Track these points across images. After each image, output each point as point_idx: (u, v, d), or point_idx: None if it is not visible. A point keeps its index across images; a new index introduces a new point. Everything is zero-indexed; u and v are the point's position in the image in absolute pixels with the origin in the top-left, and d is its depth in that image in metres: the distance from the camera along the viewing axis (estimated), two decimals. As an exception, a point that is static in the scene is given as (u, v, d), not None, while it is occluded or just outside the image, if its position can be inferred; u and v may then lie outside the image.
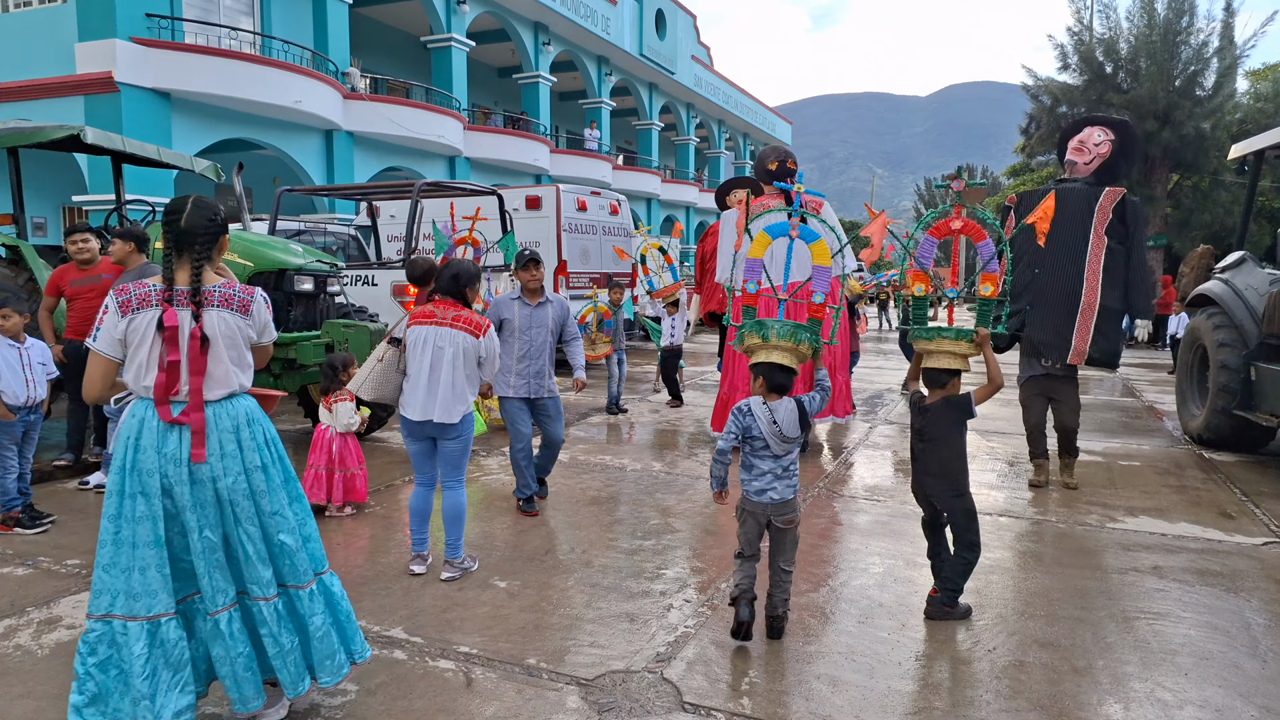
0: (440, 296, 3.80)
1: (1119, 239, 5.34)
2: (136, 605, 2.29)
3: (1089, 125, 5.60)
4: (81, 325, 5.50)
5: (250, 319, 2.49)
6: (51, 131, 5.82)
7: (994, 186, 43.43)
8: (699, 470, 5.95)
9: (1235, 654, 3.09)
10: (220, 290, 2.43)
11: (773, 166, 6.47)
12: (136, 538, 2.30)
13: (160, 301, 2.34)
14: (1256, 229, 17.15)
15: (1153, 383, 11.22)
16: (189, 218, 2.40)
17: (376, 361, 3.91)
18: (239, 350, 2.45)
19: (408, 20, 21.36)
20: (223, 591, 2.39)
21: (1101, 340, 5.28)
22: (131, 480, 2.32)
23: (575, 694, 2.75)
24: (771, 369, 3.16)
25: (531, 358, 4.76)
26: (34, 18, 13.70)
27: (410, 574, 3.80)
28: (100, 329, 2.38)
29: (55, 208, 15.30)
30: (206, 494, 2.36)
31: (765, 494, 3.18)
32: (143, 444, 2.32)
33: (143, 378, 2.34)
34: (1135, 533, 4.57)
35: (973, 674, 2.93)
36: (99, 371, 2.41)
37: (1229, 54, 18.21)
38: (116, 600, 2.29)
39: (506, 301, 4.82)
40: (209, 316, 2.38)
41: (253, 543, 2.42)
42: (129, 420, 2.36)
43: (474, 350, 3.71)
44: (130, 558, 2.29)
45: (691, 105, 33.73)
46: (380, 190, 10.20)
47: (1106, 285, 5.30)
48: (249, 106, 14.49)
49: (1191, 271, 8.33)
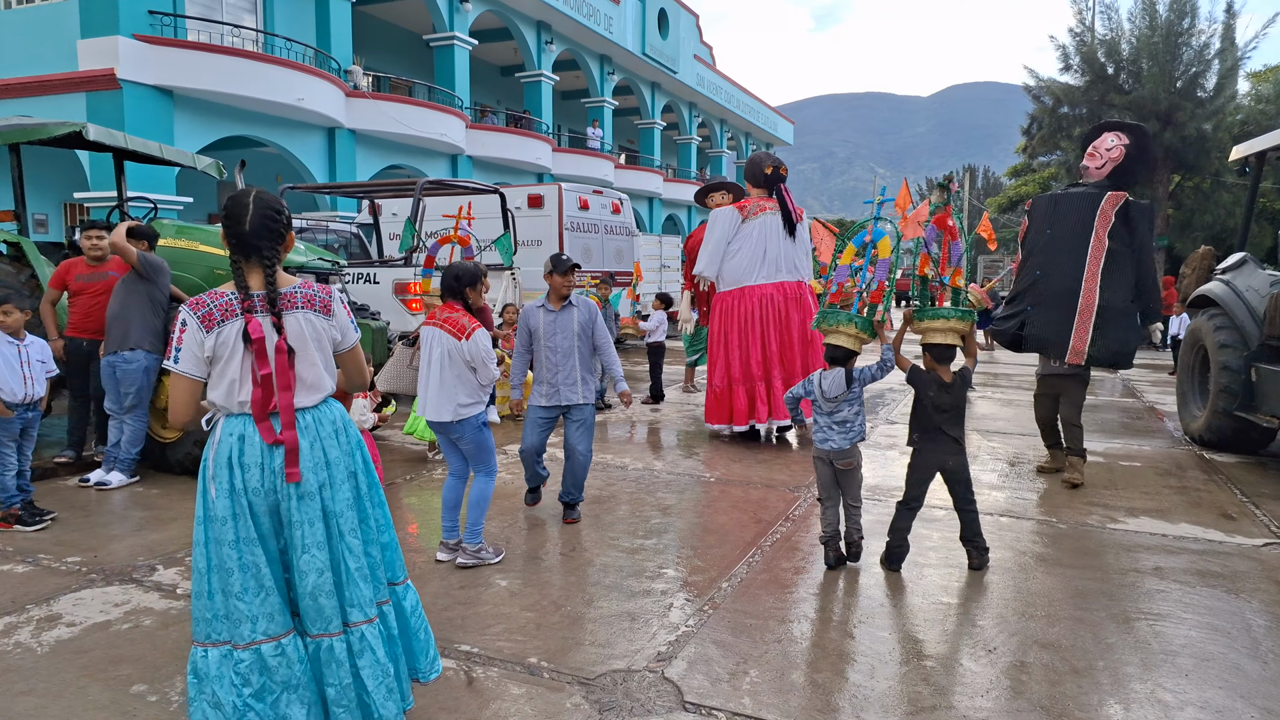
0: (448, 298, 3.91)
1: (1123, 242, 5.37)
2: (274, 626, 2.20)
3: (1106, 131, 5.64)
4: (84, 322, 5.50)
5: (333, 320, 2.33)
6: (53, 128, 5.82)
7: (996, 186, 43.38)
8: (700, 469, 5.96)
9: (1236, 655, 3.10)
10: (301, 292, 2.27)
11: (769, 171, 6.77)
12: (258, 560, 2.19)
13: (242, 310, 2.17)
14: (1257, 230, 17.15)
15: (1154, 383, 11.22)
16: (253, 220, 2.20)
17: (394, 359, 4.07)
18: (326, 354, 2.32)
19: (410, 18, 21.36)
20: (332, 615, 2.25)
21: (1101, 340, 5.34)
22: (239, 502, 2.18)
23: (576, 693, 2.75)
24: (830, 347, 3.97)
25: (559, 366, 4.49)
26: (37, 14, 13.70)
27: (435, 561, 3.93)
28: (180, 349, 2.16)
29: (57, 204, 15.31)
30: (315, 509, 2.23)
31: (826, 442, 3.95)
32: (246, 462, 2.18)
33: (236, 394, 2.18)
34: (1136, 533, 4.58)
35: (973, 674, 2.93)
36: (186, 394, 2.20)
37: (1230, 55, 18.20)
38: (257, 625, 2.18)
39: (532, 310, 4.61)
40: (291, 322, 2.22)
41: (354, 558, 2.29)
42: (225, 439, 2.19)
43: (458, 352, 3.74)
44: (259, 580, 2.19)
45: (694, 104, 33.72)
46: (382, 188, 10.21)
47: (1107, 286, 5.34)
48: (251, 104, 14.49)
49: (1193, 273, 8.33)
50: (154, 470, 5.59)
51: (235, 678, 2.18)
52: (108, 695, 2.72)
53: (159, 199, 11.10)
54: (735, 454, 6.50)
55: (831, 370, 3.92)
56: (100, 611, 3.37)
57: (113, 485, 5.20)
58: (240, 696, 2.17)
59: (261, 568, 2.20)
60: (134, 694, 2.73)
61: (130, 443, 5.28)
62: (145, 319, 5.25)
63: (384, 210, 11.69)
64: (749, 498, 5.22)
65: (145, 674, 2.86)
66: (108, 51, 12.63)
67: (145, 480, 5.40)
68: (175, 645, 3.06)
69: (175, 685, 2.77)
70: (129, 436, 5.27)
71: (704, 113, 35.12)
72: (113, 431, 5.34)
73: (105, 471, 5.27)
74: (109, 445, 5.37)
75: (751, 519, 4.75)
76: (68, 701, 2.67)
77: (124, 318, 5.22)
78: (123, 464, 5.27)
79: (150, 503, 4.96)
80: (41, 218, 15.06)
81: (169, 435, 5.63)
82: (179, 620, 3.28)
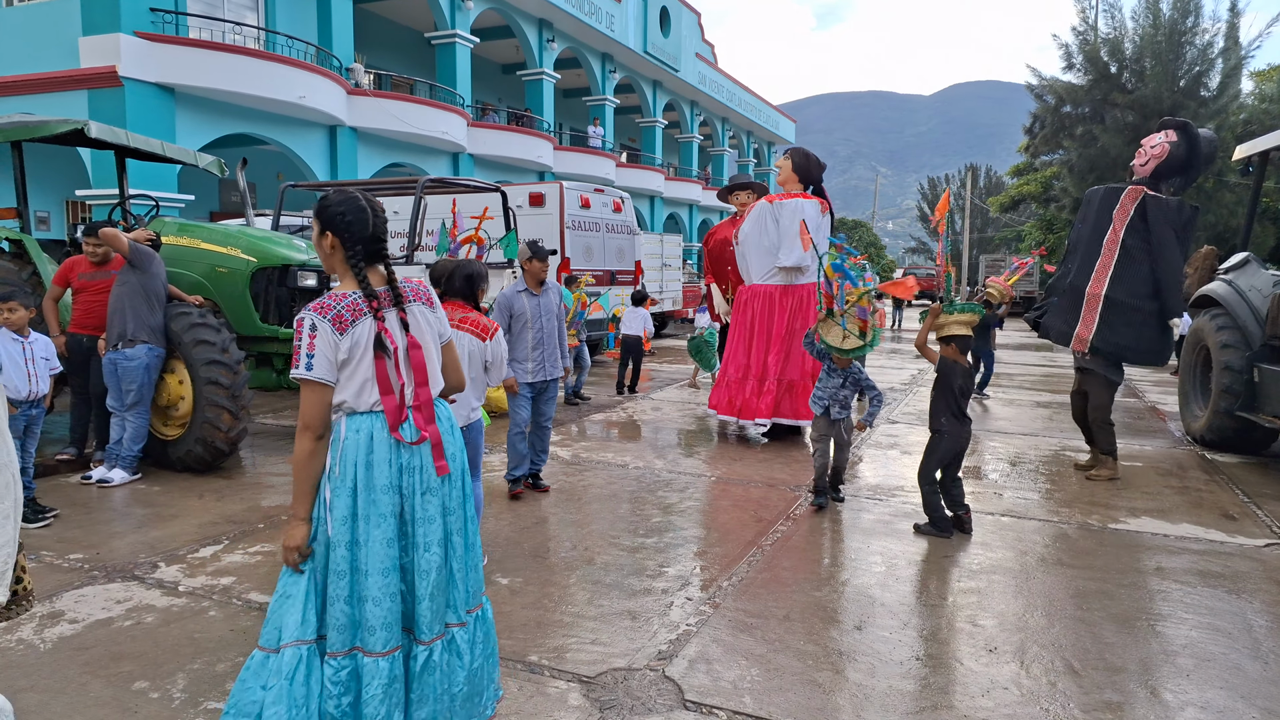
0: (450, 298, 3.73)
1: (1141, 237, 5.37)
2: (373, 640, 2.09)
3: (1161, 130, 5.61)
4: (86, 319, 5.51)
5: (437, 312, 2.33)
6: (55, 126, 5.82)
7: (998, 186, 43.32)
8: (701, 468, 5.96)
9: (1237, 656, 3.09)
10: (412, 286, 2.27)
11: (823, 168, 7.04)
12: (370, 565, 2.10)
13: (370, 310, 2.14)
14: (1260, 230, 17.11)
15: (1155, 383, 11.20)
16: (376, 223, 2.20)
17: None
18: (438, 347, 2.31)
19: (412, 16, 21.35)
20: (440, 617, 2.19)
21: (1106, 332, 5.42)
22: (366, 501, 2.10)
23: (577, 691, 2.76)
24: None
25: (545, 344, 4.97)
26: (38, 11, 13.70)
27: None
28: (313, 356, 2.08)
29: (59, 202, 15.32)
30: (436, 505, 2.18)
31: (828, 411, 4.95)
32: (375, 459, 2.11)
33: (368, 394, 2.12)
34: (1137, 534, 4.57)
35: (974, 674, 2.93)
36: (321, 402, 2.10)
37: (1234, 55, 18.16)
38: (358, 634, 2.11)
39: (512, 295, 4.91)
40: (413, 314, 2.22)
41: (458, 559, 2.23)
42: (353, 437, 2.12)
43: (480, 353, 3.66)
44: (365, 587, 2.10)
45: (695, 103, 33.69)
46: (384, 186, 10.20)
47: (1118, 280, 5.38)
48: (253, 102, 14.49)
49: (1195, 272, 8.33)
50: (156, 467, 5.60)
51: (332, 686, 2.08)
52: (109, 692, 2.73)
53: (161, 197, 11.11)
54: (736, 453, 6.50)
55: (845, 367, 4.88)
56: (102, 608, 3.38)
57: (115, 482, 5.21)
58: (339, 706, 2.08)
59: (391, 572, 2.12)
60: (135, 691, 2.74)
61: (132, 440, 5.29)
62: (139, 312, 5.24)
63: (385, 208, 11.68)
64: (750, 496, 5.22)
65: (147, 671, 2.86)
66: (109, 49, 12.63)
67: (147, 477, 5.41)
68: (176, 642, 3.07)
69: (177, 682, 2.78)
70: (131, 434, 5.28)
71: (706, 111, 35.09)
72: (114, 429, 5.35)
73: (107, 469, 5.27)
74: (111, 443, 5.37)
75: (752, 518, 4.75)
76: (69, 698, 2.68)
77: (119, 310, 5.22)
78: (125, 461, 5.28)
79: (152, 500, 4.97)
80: (43, 215, 15.07)
81: (170, 433, 5.63)
82: (180, 617, 3.29)
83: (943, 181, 44.50)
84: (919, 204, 45.87)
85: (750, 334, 6.83)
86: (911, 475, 5.82)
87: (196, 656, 2.96)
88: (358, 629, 2.12)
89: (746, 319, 6.88)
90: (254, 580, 3.70)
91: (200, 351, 5.39)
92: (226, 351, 5.46)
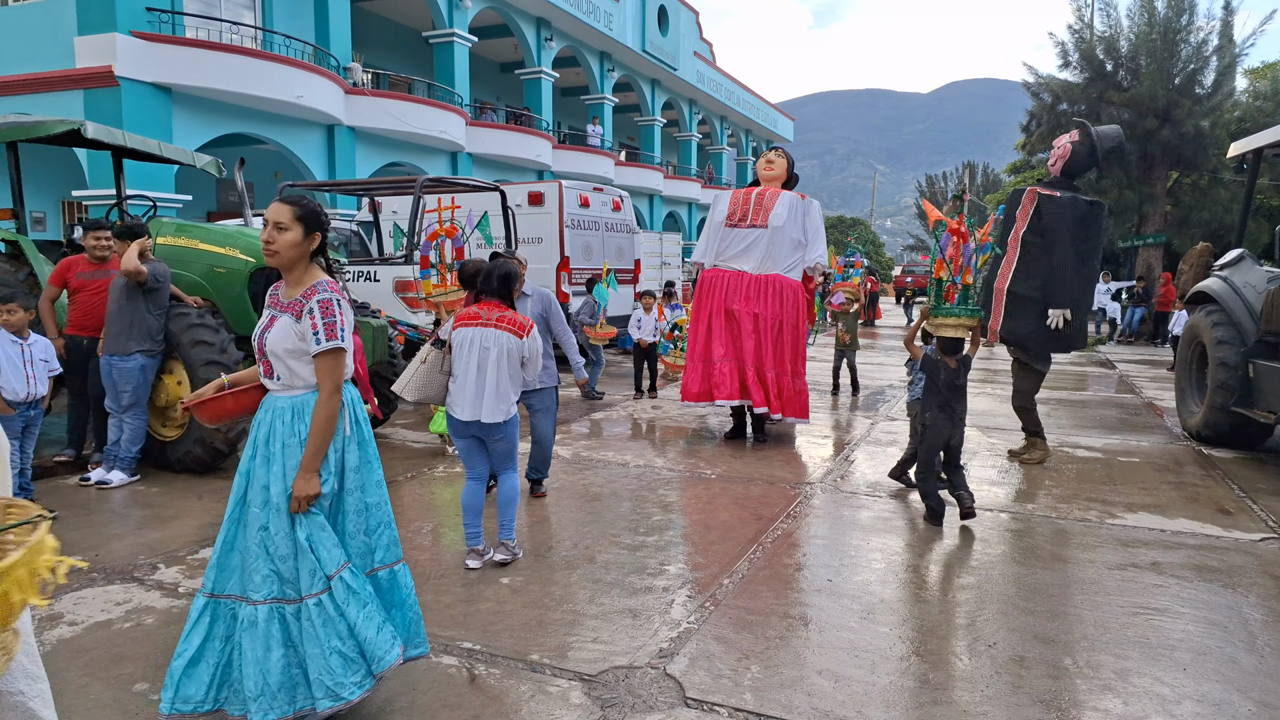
0: (486, 297, 3.84)
1: (1037, 233, 5.81)
2: (394, 552, 2.72)
3: (1072, 130, 6.18)
4: (84, 319, 5.50)
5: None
6: (51, 126, 5.81)
7: (995, 183, 43.36)
8: (701, 467, 5.97)
9: (1233, 649, 3.11)
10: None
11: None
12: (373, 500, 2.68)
13: None
14: (1255, 227, 17.16)
15: (1152, 379, 11.23)
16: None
17: (420, 363, 3.92)
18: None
19: (410, 15, 21.32)
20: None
21: (1010, 323, 5.92)
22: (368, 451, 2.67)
23: (578, 689, 2.77)
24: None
25: None
26: (34, 11, 13.67)
27: (466, 569, 3.83)
28: (344, 329, 2.51)
29: (55, 202, 15.29)
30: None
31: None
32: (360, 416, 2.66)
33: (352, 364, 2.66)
34: (1134, 529, 4.59)
35: (973, 669, 2.94)
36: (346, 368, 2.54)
37: (1228, 52, 18.19)
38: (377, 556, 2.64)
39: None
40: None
41: None
42: (349, 400, 2.57)
43: (518, 350, 3.78)
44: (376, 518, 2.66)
45: (694, 101, 33.68)
46: (382, 186, 10.19)
47: (1020, 275, 5.85)
48: (250, 101, 14.47)
49: (1191, 269, 8.38)
50: (155, 468, 5.59)
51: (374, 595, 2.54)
52: (109, 694, 2.73)
53: (158, 197, 11.09)
54: (736, 451, 6.51)
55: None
56: (101, 610, 3.38)
57: (114, 484, 5.20)
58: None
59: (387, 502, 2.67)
60: (136, 692, 2.74)
61: (130, 441, 5.28)
62: (143, 323, 5.24)
63: (384, 208, 11.67)
64: (750, 494, 5.23)
65: (147, 672, 2.86)
66: (105, 48, 12.61)
67: (146, 479, 5.41)
68: (175, 644, 3.07)
69: (178, 682, 2.78)
70: (129, 435, 5.28)
71: (704, 109, 35.09)
72: (113, 430, 5.34)
73: (106, 470, 5.27)
74: (109, 444, 5.37)
75: (753, 515, 4.76)
76: (69, 700, 2.68)
77: (122, 321, 5.20)
78: (123, 462, 5.28)
79: (150, 501, 4.96)
80: (40, 216, 15.04)
81: (169, 434, 5.63)
82: (181, 619, 3.29)
83: (940, 179, 44.53)
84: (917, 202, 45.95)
85: (737, 319, 6.62)
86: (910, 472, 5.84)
87: (198, 656, 2.96)
88: (374, 551, 2.58)
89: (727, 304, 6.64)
90: (254, 580, 3.70)
91: (199, 352, 5.39)
92: (225, 352, 5.45)
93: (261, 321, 2.55)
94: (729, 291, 6.68)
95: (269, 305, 2.57)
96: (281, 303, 2.51)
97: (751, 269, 6.66)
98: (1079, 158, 5.92)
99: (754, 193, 6.72)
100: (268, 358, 2.49)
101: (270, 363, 2.49)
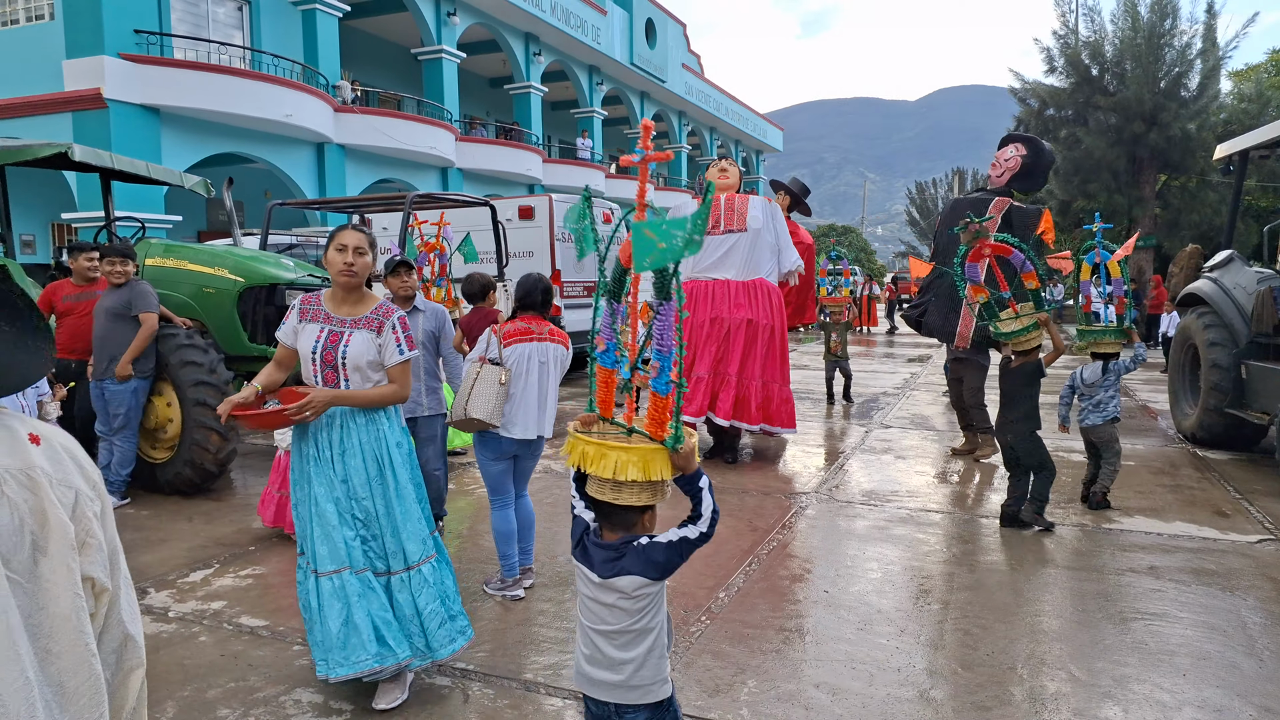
0: (527, 312, 3.69)
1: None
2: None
3: (1007, 143, 6.41)
4: (72, 342, 5.46)
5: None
6: (39, 149, 5.78)
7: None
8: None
9: (1232, 653, 3.09)
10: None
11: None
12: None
13: None
14: (1243, 228, 17.24)
15: (1146, 382, 11.26)
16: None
17: (473, 383, 3.51)
18: None
19: (398, 32, 21.40)
20: None
21: (979, 324, 5.99)
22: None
23: (573, 709, 2.73)
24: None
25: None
26: (22, 35, 13.68)
27: (515, 600, 3.67)
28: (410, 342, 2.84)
29: (44, 225, 15.24)
30: None
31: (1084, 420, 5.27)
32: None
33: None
34: (1131, 533, 4.58)
35: (972, 679, 2.92)
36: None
37: (1212, 55, 18.35)
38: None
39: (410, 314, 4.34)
40: None
41: None
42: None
43: (563, 361, 3.79)
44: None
45: (683, 113, 33.85)
46: (372, 203, 10.18)
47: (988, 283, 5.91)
48: (239, 121, 14.48)
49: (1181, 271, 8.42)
50: (144, 490, 5.54)
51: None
52: (98, 722, 2.68)
53: (147, 218, 11.04)
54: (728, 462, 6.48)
55: (1092, 364, 5.17)
56: (90, 636, 3.32)
57: (103, 507, 5.14)
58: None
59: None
60: None
61: (120, 464, 5.23)
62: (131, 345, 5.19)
63: (374, 225, 11.67)
64: (745, 505, 5.20)
65: (136, 699, 2.82)
66: (93, 71, 12.61)
67: (136, 501, 5.36)
68: (166, 669, 3.03)
69: (166, 711, 2.74)
70: (119, 458, 5.23)
71: (694, 121, 35.25)
72: (102, 453, 5.29)
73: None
74: (99, 467, 5.31)
75: (748, 527, 4.73)
76: None
77: (110, 345, 5.15)
78: (113, 485, 5.22)
79: (141, 524, 4.91)
80: (28, 239, 14.98)
81: (159, 455, 5.59)
82: (170, 644, 3.25)
83: (930, 186, 44.78)
84: (907, 209, 46.14)
85: (724, 331, 6.34)
86: (906, 480, 5.82)
87: (187, 683, 2.93)
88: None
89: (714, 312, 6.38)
90: (245, 604, 3.66)
91: (188, 373, 5.35)
92: (214, 372, 5.42)
93: (321, 338, 2.69)
94: (715, 299, 6.38)
95: (323, 322, 2.70)
96: (347, 320, 2.71)
97: (734, 275, 6.41)
98: (1025, 169, 6.18)
99: (722, 198, 6.55)
100: (344, 370, 2.67)
101: (346, 374, 2.68)
